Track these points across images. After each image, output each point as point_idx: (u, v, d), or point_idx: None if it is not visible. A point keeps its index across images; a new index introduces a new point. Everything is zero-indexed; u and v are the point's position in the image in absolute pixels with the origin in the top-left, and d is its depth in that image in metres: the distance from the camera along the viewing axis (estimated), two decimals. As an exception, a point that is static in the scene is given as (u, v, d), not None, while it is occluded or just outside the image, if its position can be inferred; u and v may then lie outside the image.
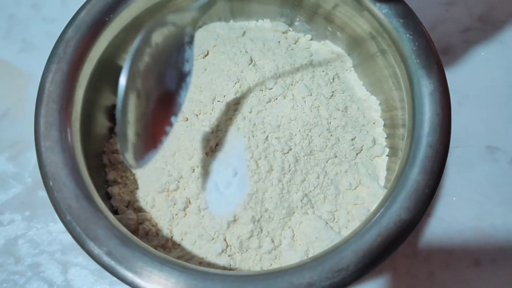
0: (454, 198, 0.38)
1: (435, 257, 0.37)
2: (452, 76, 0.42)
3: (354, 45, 0.37)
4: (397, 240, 0.27)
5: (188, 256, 0.31)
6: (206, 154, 0.33)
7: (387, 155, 0.34)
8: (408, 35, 0.30)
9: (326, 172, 0.33)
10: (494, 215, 0.38)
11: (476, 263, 0.36)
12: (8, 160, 0.39)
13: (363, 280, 0.31)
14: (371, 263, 0.26)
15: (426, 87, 0.29)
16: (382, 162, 0.34)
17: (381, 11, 0.31)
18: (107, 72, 0.33)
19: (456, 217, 0.38)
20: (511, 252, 0.37)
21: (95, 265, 0.26)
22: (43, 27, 0.44)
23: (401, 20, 0.31)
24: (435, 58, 0.30)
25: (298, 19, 0.38)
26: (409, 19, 0.31)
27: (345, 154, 0.34)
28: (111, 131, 0.36)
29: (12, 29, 0.43)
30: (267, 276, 0.26)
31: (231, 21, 0.39)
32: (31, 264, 0.36)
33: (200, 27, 0.39)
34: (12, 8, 0.44)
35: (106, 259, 0.25)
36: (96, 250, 0.25)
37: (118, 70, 0.27)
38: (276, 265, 0.31)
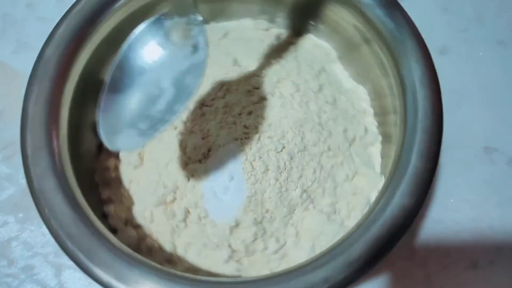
0: (452, 200, 0.38)
1: (432, 259, 0.36)
2: (450, 76, 0.39)
3: (338, 36, 0.36)
4: (402, 226, 0.27)
5: (195, 268, 0.30)
6: (200, 161, 0.32)
7: (380, 143, 0.35)
8: (392, 23, 0.30)
9: (322, 166, 0.33)
10: (492, 217, 0.37)
11: (473, 265, 0.36)
12: (1, 161, 0.38)
13: (359, 282, 0.31)
14: (381, 251, 0.26)
15: (414, 73, 0.29)
16: (376, 149, 0.34)
17: (363, 1, 0.31)
18: (89, 86, 0.31)
19: (454, 218, 0.37)
20: (509, 253, 0.36)
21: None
22: (39, 27, 0.42)
23: (384, 9, 0.31)
24: (420, 43, 0.30)
25: (279, 15, 0.38)
26: (392, 8, 0.31)
27: (339, 146, 0.34)
28: (100, 147, 0.34)
29: (7, 29, 0.42)
30: (281, 278, 0.25)
31: (212, 22, 0.38)
32: (24, 266, 0.35)
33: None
34: (7, 8, 0.43)
35: (116, 285, 0.24)
36: (105, 277, 0.24)
37: (101, 83, 0.26)
38: (284, 264, 0.31)
